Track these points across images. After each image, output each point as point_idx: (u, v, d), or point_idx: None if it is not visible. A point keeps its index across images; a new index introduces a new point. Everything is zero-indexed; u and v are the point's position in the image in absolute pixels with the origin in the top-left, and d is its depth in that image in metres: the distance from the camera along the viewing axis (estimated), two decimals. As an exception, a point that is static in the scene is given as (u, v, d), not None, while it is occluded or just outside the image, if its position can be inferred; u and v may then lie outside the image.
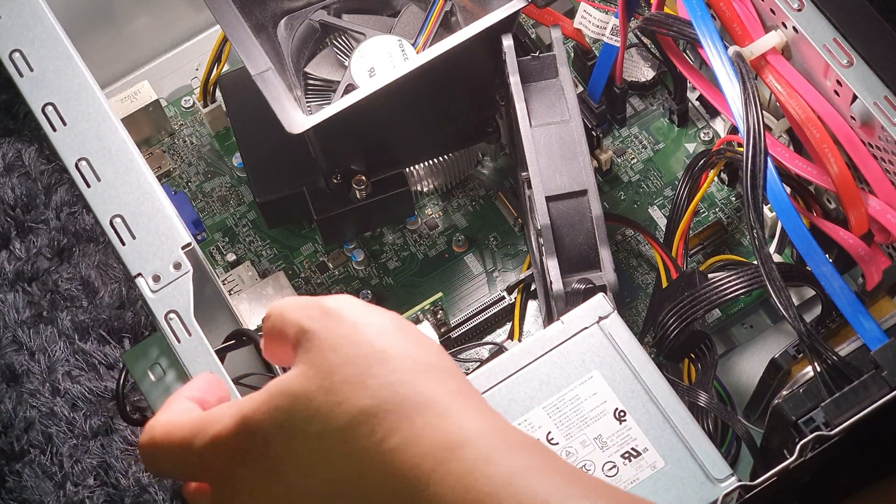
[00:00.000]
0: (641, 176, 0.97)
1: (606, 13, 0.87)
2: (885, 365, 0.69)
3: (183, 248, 0.73)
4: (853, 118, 0.75)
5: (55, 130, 0.76)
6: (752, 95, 0.74)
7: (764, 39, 0.78)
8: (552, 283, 0.75)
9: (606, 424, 0.69)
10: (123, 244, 0.73)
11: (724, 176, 0.95)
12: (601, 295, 0.73)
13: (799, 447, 0.66)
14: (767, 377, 0.78)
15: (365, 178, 0.88)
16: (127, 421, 0.79)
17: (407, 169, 0.93)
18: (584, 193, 0.77)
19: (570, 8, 1.00)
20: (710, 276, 0.78)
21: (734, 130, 0.86)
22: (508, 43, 0.82)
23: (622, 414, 0.69)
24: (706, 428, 0.77)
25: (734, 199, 0.95)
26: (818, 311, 0.79)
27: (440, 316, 0.90)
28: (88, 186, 0.75)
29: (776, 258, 0.86)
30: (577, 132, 0.79)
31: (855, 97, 0.74)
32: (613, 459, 0.69)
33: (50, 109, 0.76)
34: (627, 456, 0.69)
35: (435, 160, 0.93)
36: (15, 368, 0.97)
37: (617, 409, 0.69)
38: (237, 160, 0.98)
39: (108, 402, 0.96)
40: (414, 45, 0.90)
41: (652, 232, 0.93)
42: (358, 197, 0.89)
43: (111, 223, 0.74)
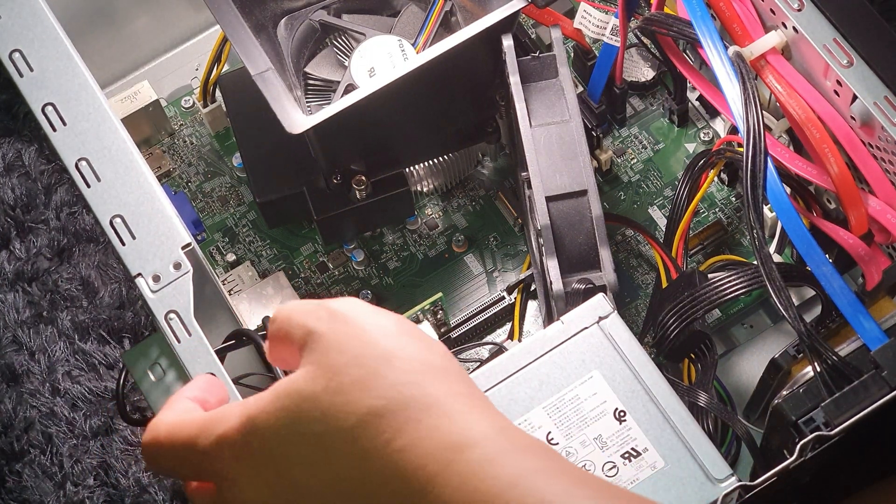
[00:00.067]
0: (641, 176, 0.97)
1: (606, 13, 0.87)
2: (885, 365, 0.69)
3: (183, 248, 0.73)
4: (853, 118, 0.75)
5: (55, 130, 0.76)
6: (752, 95, 0.74)
7: (764, 39, 0.78)
8: (552, 283, 0.75)
9: (606, 424, 0.69)
10: (123, 244, 0.73)
11: (724, 176, 0.95)
12: (601, 295, 0.73)
13: (799, 447, 0.66)
14: (767, 377, 0.78)
15: (365, 178, 0.88)
16: (127, 421, 0.80)
17: (407, 169, 0.93)
18: (584, 193, 0.77)
19: (570, 8, 1.00)
20: (710, 276, 0.78)
21: (734, 130, 0.86)
22: (508, 43, 0.82)
23: (622, 414, 0.69)
24: (706, 428, 0.77)
25: (734, 199, 0.95)
26: (818, 311, 0.79)
27: (440, 316, 0.90)
28: (88, 186, 0.75)
29: (776, 258, 0.86)
30: (577, 132, 0.79)
31: (855, 97, 0.74)
32: (613, 459, 0.69)
33: (50, 109, 0.76)
34: (627, 456, 0.69)
35: (435, 160, 0.93)
36: (15, 368, 0.97)
37: (617, 409, 0.69)
38: (237, 160, 0.98)
39: (108, 402, 0.96)
40: (414, 45, 0.90)
41: (652, 232, 0.93)
42: (358, 197, 0.89)
43: (111, 223, 0.74)
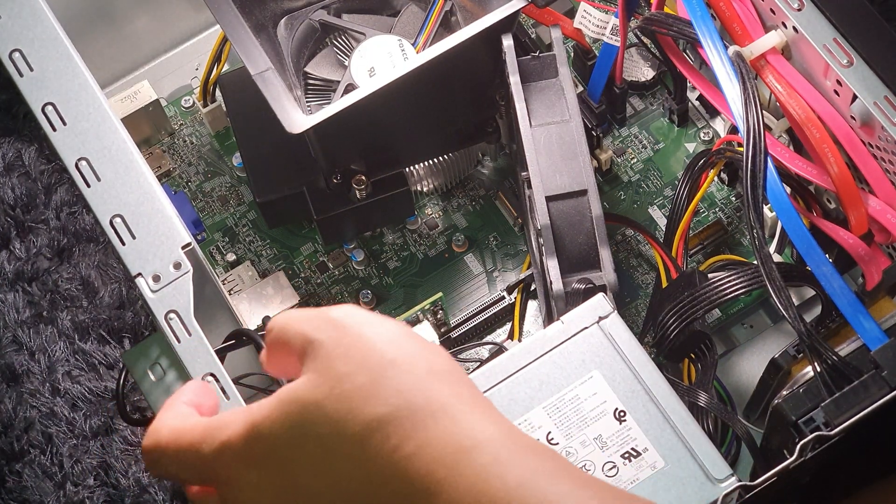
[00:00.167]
0: (641, 176, 0.97)
1: (606, 13, 0.87)
2: (885, 365, 0.69)
3: (183, 248, 0.73)
4: (853, 118, 0.75)
5: (55, 130, 0.76)
6: (752, 95, 0.74)
7: (764, 39, 0.78)
8: (552, 283, 0.75)
9: (606, 424, 0.69)
10: (123, 244, 0.73)
11: (724, 176, 0.95)
12: (601, 295, 0.73)
13: (799, 447, 0.66)
14: (767, 377, 0.78)
15: (365, 178, 0.88)
16: (127, 421, 0.80)
17: (407, 169, 0.93)
18: (584, 193, 0.77)
19: (570, 8, 1.00)
20: (710, 276, 0.78)
21: (734, 130, 0.86)
22: (508, 43, 0.82)
23: (622, 414, 0.69)
24: (706, 428, 0.77)
25: (734, 199, 0.95)
26: (818, 311, 0.79)
27: (440, 316, 0.90)
28: (88, 186, 0.75)
29: (776, 258, 0.86)
30: (577, 132, 0.79)
31: (855, 97, 0.74)
32: (613, 459, 0.69)
33: (50, 109, 0.76)
34: (627, 456, 0.69)
35: (435, 160, 0.93)
36: (15, 368, 0.97)
37: (617, 409, 0.69)
38: (237, 160, 0.98)
39: (108, 402, 0.96)
40: (414, 44, 0.90)
41: (652, 232, 0.93)
42: (358, 197, 0.89)
43: (111, 223, 0.74)
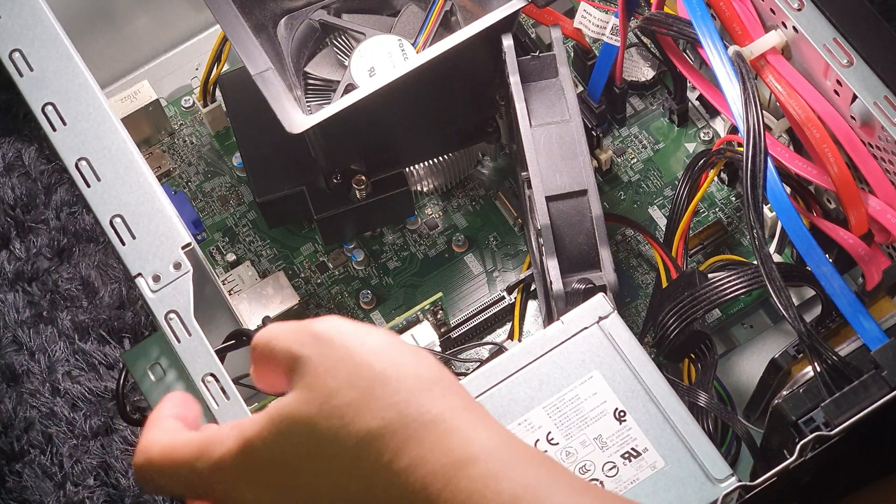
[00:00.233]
0: (641, 176, 0.97)
1: (606, 13, 0.87)
2: (885, 365, 0.69)
3: (183, 248, 0.73)
4: (853, 118, 0.75)
5: (55, 130, 0.76)
6: (752, 95, 0.74)
7: (764, 39, 0.78)
8: (552, 283, 0.75)
9: (606, 424, 0.69)
10: (123, 244, 0.73)
11: (724, 176, 0.95)
12: (601, 295, 0.73)
13: (799, 447, 0.66)
14: (767, 377, 0.78)
15: (365, 178, 0.88)
16: (127, 421, 0.79)
17: (407, 169, 0.93)
18: (584, 193, 0.77)
19: (570, 8, 1.00)
20: (710, 276, 0.78)
21: (734, 130, 0.86)
22: (508, 43, 0.82)
23: (622, 414, 0.69)
24: (706, 428, 0.77)
25: (734, 199, 0.95)
26: (818, 311, 0.79)
27: (440, 316, 0.90)
28: (88, 186, 0.75)
29: (776, 258, 0.86)
30: (577, 132, 0.79)
31: (855, 97, 0.74)
32: (613, 459, 0.69)
33: (50, 109, 0.76)
34: (627, 456, 0.68)
35: (435, 160, 0.93)
36: (15, 368, 0.97)
37: (617, 409, 0.69)
38: (237, 160, 0.98)
39: (108, 402, 0.96)
40: (414, 44, 0.90)
41: (652, 232, 0.93)
42: (358, 197, 0.89)
43: (111, 223, 0.74)
